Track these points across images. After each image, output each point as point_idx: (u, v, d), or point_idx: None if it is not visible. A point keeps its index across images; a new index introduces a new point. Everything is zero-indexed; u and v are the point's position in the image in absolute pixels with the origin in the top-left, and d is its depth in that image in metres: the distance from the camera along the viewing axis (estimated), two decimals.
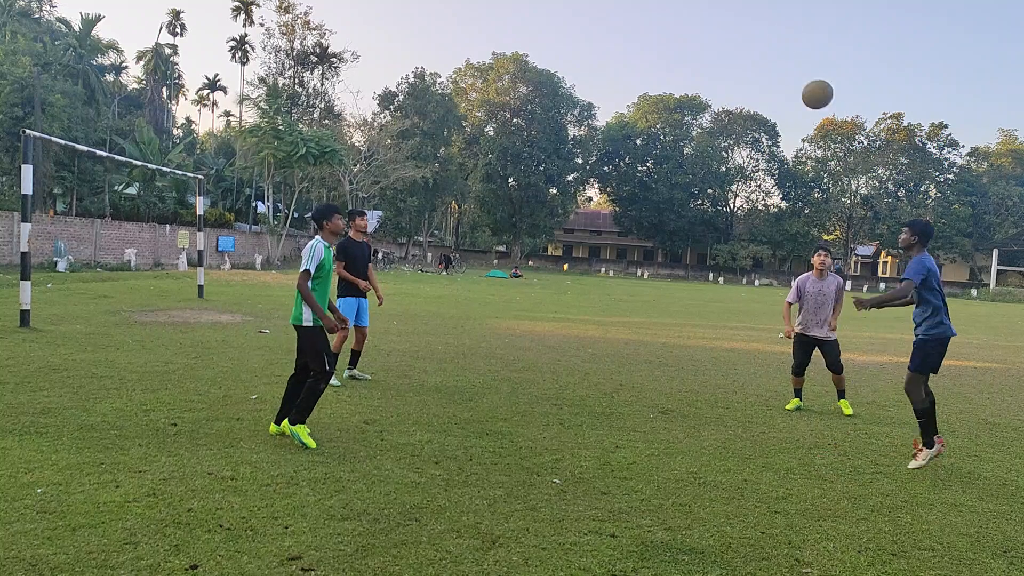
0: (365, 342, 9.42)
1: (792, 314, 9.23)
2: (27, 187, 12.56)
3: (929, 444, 6.43)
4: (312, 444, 6.02)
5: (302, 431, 6.06)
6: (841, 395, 9.08)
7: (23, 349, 10.03)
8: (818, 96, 7.84)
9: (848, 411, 8.85)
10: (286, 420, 6.16)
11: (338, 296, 8.87)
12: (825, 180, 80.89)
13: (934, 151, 78.91)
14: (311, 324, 6.16)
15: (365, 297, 9.13)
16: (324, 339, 6.22)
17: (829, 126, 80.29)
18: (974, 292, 68.97)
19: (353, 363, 9.27)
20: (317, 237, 6.39)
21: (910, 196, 78.86)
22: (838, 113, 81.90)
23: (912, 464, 6.50)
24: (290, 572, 3.81)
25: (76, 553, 3.88)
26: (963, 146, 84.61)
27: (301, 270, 6.16)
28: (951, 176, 78.50)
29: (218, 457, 5.66)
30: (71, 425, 6.33)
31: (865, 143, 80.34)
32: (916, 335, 6.56)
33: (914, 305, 6.57)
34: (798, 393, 9.14)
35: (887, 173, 79.95)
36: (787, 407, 9.01)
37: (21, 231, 12.81)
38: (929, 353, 6.48)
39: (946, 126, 78.51)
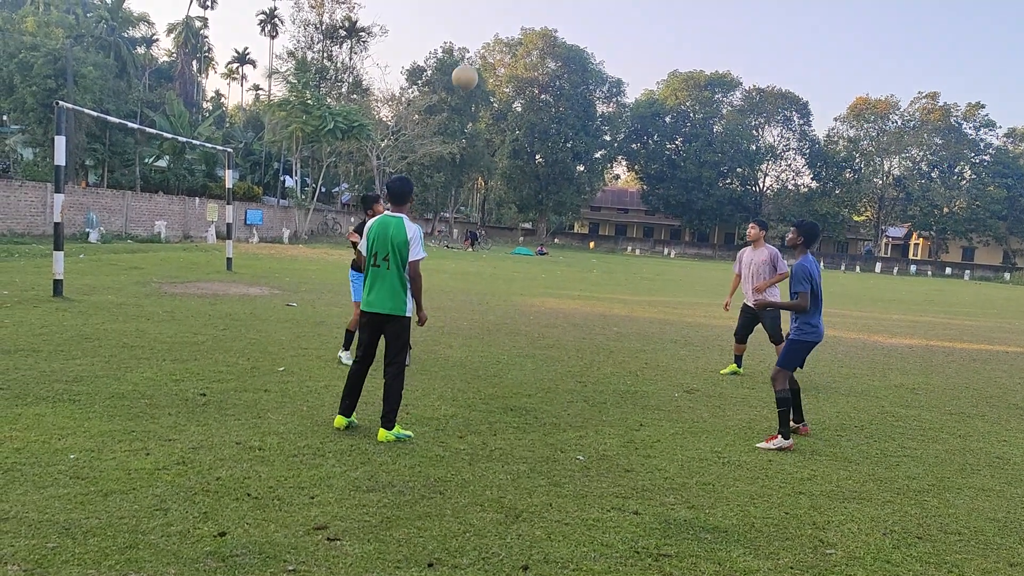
0: None
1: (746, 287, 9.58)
2: (60, 158, 12.71)
3: (786, 436, 6.31)
4: (411, 433, 5.85)
5: (398, 430, 5.78)
6: None
7: (56, 318, 10.20)
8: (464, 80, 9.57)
9: None
10: (383, 430, 5.71)
11: (352, 270, 8.64)
12: (857, 160, 79.50)
13: (970, 132, 77.27)
14: (411, 315, 5.86)
15: None
16: (409, 331, 5.99)
17: (863, 105, 78.92)
18: (1007, 276, 67.82)
19: (347, 344, 8.59)
20: (404, 217, 5.91)
21: (944, 177, 77.41)
22: (872, 92, 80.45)
23: (760, 444, 6.38)
24: (316, 541, 3.86)
25: (108, 518, 3.96)
26: (1000, 127, 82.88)
27: (417, 257, 5.75)
28: (987, 157, 76.82)
29: (246, 427, 5.74)
30: (103, 393, 6.44)
31: (899, 123, 78.87)
32: (790, 333, 6.60)
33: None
34: (737, 360, 9.67)
35: (921, 154, 78.49)
36: (722, 371, 9.61)
37: (54, 202, 12.98)
38: (799, 352, 6.56)
39: (983, 106, 76.83)
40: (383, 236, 5.79)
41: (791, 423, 6.67)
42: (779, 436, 6.33)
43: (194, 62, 69.85)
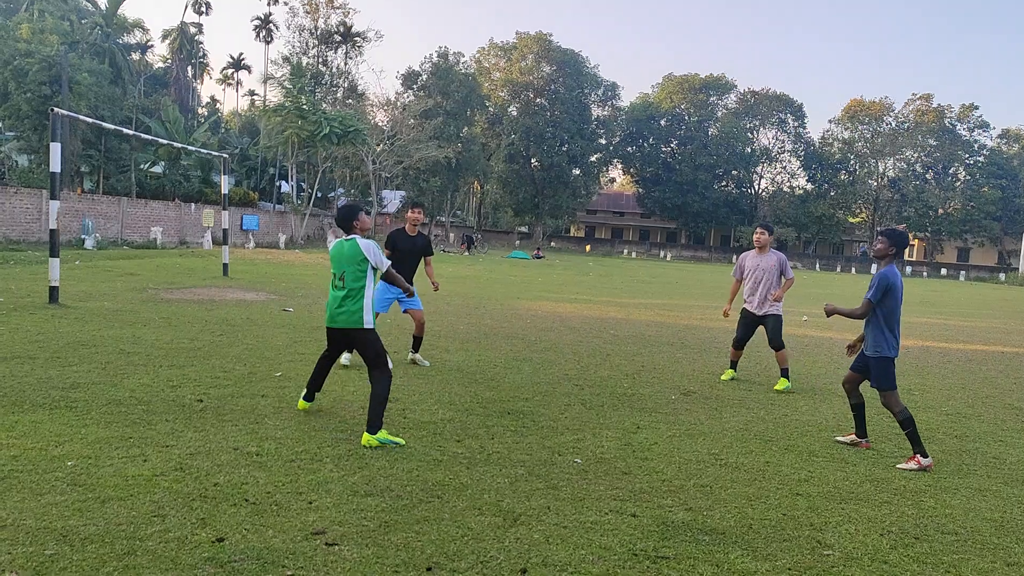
0: (424, 328, 9.16)
1: (740, 291, 9.50)
2: (55, 165, 12.70)
3: (923, 454, 5.99)
4: (401, 440, 5.74)
5: (383, 435, 5.69)
6: (783, 373, 9.01)
7: (52, 325, 10.19)
8: None
9: (780, 387, 8.86)
10: (367, 434, 5.65)
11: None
12: (852, 162, 79.72)
13: (964, 133, 77.53)
14: (371, 326, 5.96)
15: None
16: (379, 339, 6.02)
17: (857, 107, 79.12)
18: (1002, 276, 67.90)
19: (415, 348, 9.15)
20: (357, 237, 6.03)
21: (938, 179, 77.62)
22: (866, 94, 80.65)
23: (901, 465, 6.03)
24: (314, 546, 3.86)
25: (106, 525, 3.96)
26: (994, 128, 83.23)
27: (385, 266, 6.04)
28: (981, 158, 77.06)
29: (243, 433, 5.73)
30: (100, 400, 6.43)
31: (893, 124, 79.05)
32: (879, 351, 6.30)
33: (869, 318, 6.36)
34: (733, 365, 9.52)
35: (915, 155, 78.68)
36: (722, 377, 9.40)
37: (50, 209, 12.96)
38: (893, 368, 6.33)
39: (977, 107, 77.16)
40: (339, 258, 6.05)
41: (855, 435, 6.59)
42: (917, 456, 5.99)
43: (189, 68, 69.86)
